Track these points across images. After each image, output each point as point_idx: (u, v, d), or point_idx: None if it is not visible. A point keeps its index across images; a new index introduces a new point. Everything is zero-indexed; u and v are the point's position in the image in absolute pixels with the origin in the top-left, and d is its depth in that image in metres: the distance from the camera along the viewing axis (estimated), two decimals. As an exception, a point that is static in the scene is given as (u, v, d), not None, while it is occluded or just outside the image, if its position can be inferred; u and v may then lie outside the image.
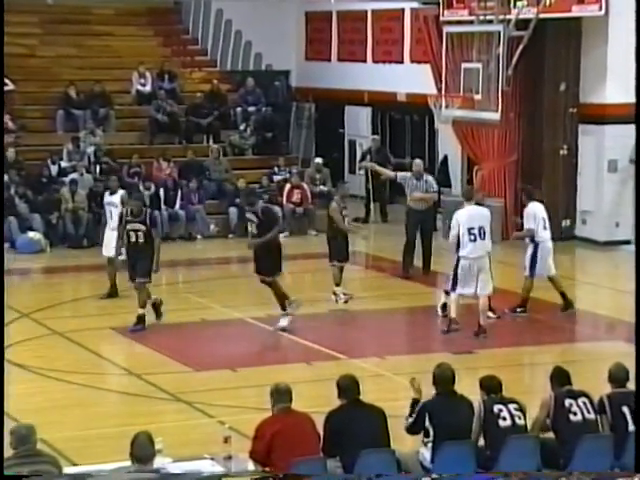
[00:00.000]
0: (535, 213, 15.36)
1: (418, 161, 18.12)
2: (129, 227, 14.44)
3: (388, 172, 18.99)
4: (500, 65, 19.83)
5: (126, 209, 14.85)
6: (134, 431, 7.31)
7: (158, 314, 14.75)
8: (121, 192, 16.51)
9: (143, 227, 14.43)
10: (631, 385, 8.77)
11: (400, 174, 18.10)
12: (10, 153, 21.10)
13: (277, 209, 15.09)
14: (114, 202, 16.33)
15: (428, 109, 21.73)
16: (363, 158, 23.48)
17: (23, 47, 24.10)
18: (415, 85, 22.97)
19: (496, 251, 15.62)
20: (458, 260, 14.11)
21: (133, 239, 14.44)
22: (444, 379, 8.59)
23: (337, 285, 15.68)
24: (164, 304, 14.89)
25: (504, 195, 21.02)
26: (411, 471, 8.45)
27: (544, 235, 15.30)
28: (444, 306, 14.68)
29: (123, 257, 15.00)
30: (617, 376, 8.80)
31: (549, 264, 15.25)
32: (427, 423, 8.40)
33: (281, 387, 8.31)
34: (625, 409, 8.61)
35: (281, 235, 21.27)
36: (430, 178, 17.95)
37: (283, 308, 14.37)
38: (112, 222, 16.07)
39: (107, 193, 16.91)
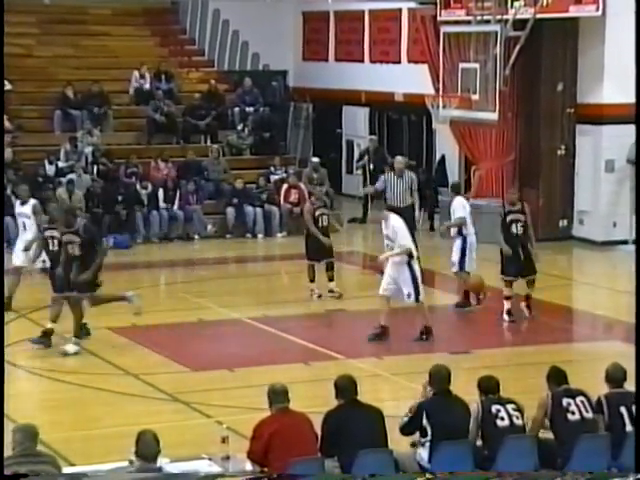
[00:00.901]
0: (464, 205, 15.60)
1: (400, 158, 18.43)
2: (64, 239, 13.41)
3: (368, 189, 19.18)
4: (497, 65, 19.85)
5: (40, 217, 14.12)
6: (132, 431, 7.31)
7: (41, 341, 13.39)
8: (33, 202, 15.41)
9: (77, 238, 13.30)
10: (629, 385, 8.78)
11: (378, 183, 18.26)
12: (7, 153, 21.08)
13: (95, 229, 14.41)
14: (25, 213, 15.32)
15: (426, 109, 21.75)
16: (361, 158, 23.51)
17: (20, 47, 24.08)
18: (412, 85, 22.98)
19: (493, 251, 15.61)
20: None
21: (70, 251, 13.35)
22: (440, 378, 8.60)
23: (311, 281, 16.04)
24: (160, 304, 14.87)
25: (502, 195, 21.01)
26: (408, 471, 8.45)
27: (471, 229, 15.56)
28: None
29: (40, 265, 14.30)
30: (614, 376, 8.81)
31: (473, 258, 15.50)
32: (425, 422, 8.40)
33: (277, 387, 8.31)
34: (623, 409, 8.62)
35: (279, 235, 21.41)
36: (413, 175, 18.21)
37: (76, 335, 13.37)
38: (26, 234, 15.15)
39: (18, 203, 15.81)
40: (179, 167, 22.14)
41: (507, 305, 14.82)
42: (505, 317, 14.78)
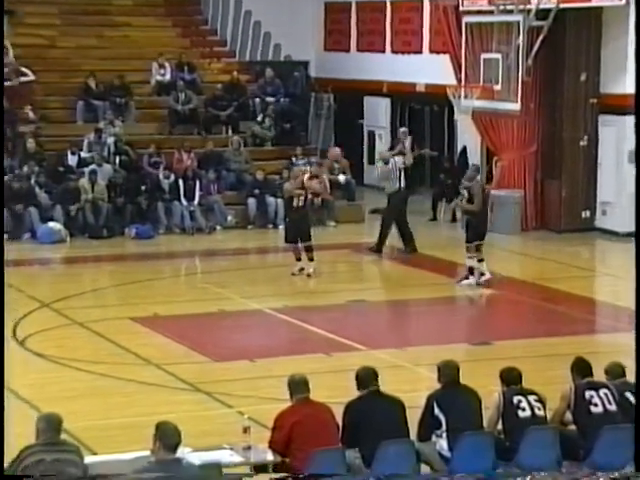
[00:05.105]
0: None
1: (384, 149, 19.15)
2: None
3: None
4: (520, 55, 19.75)
5: None
6: (153, 421, 7.33)
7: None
8: None
9: None
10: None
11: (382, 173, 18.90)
12: (30, 144, 21.17)
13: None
14: None
15: (447, 100, 21.68)
16: (392, 148, 23.56)
17: (43, 38, 24.18)
18: (434, 76, 22.91)
19: (514, 242, 15.63)
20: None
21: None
22: (449, 369, 8.58)
23: (297, 260, 16.69)
24: (182, 294, 14.89)
25: (524, 186, 20.96)
26: (430, 461, 8.46)
27: None
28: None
29: None
30: (614, 372, 8.80)
31: None
32: (437, 412, 8.39)
33: (297, 378, 8.32)
34: (628, 394, 8.60)
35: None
36: (399, 160, 18.67)
37: None
38: None
39: None
40: (200, 158, 22.16)
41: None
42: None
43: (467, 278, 15.99)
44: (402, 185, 18.42)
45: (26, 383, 11.51)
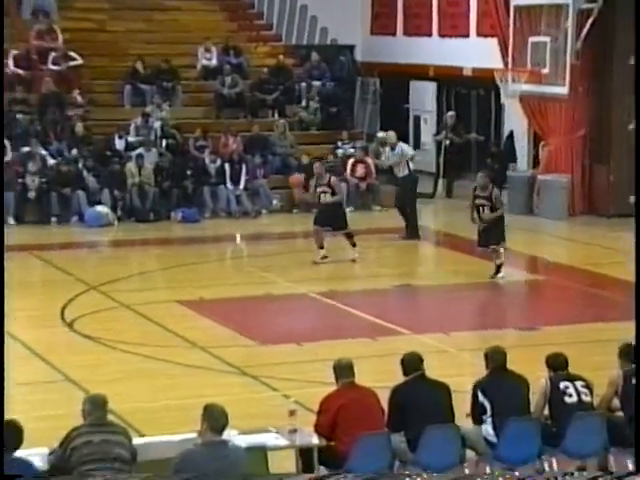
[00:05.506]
0: None
1: (391, 133, 19.26)
2: None
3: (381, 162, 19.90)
4: (569, 38, 19.59)
5: None
6: (200, 403, 7.39)
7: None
8: None
9: None
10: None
11: (389, 159, 18.93)
12: (78, 127, 21.33)
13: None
14: None
15: (494, 84, 21.55)
16: (439, 133, 23.51)
17: (92, 22, 24.33)
18: (481, 59, 22.76)
19: (561, 227, 15.54)
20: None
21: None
22: (496, 355, 8.54)
23: (320, 248, 16.56)
24: (228, 277, 14.94)
25: (571, 171, 20.80)
26: (475, 447, 8.45)
27: None
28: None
29: None
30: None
31: None
32: (481, 399, 8.37)
33: (343, 362, 8.34)
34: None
35: (346, 210, 21.45)
36: (405, 145, 19.01)
37: None
38: None
39: None
40: (246, 142, 22.21)
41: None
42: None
43: (499, 272, 15.61)
44: (411, 170, 18.50)
45: (74, 365, 11.64)
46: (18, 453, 7.12)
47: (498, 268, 15.47)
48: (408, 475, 7.45)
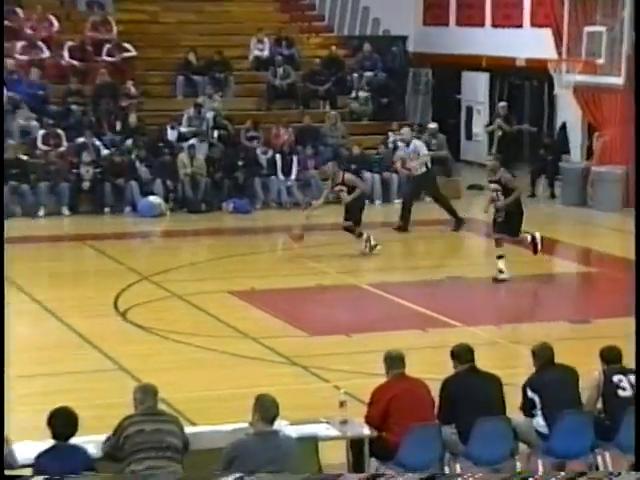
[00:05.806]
0: None
1: (406, 129, 19.54)
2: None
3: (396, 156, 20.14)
4: (625, 28, 19.36)
5: None
6: (251, 393, 7.42)
7: None
8: None
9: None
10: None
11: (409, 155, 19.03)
12: (132, 118, 21.50)
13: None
14: None
15: (548, 74, 21.37)
16: (490, 124, 23.39)
17: (146, 14, 24.51)
18: (535, 50, 22.58)
19: (615, 219, 15.39)
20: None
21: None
22: (543, 351, 8.46)
23: (359, 236, 16.73)
24: (279, 268, 14.96)
25: (626, 162, 20.58)
26: (527, 439, 8.41)
27: None
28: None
29: None
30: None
31: None
32: (530, 395, 8.32)
33: (394, 353, 8.33)
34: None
35: (396, 201, 21.38)
36: (418, 143, 18.92)
37: None
38: None
39: None
40: (297, 133, 22.23)
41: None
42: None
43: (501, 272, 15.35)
44: (429, 167, 18.60)
45: (127, 354, 11.75)
46: (73, 440, 7.20)
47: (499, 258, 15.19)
48: (460, 475, 7.44)
